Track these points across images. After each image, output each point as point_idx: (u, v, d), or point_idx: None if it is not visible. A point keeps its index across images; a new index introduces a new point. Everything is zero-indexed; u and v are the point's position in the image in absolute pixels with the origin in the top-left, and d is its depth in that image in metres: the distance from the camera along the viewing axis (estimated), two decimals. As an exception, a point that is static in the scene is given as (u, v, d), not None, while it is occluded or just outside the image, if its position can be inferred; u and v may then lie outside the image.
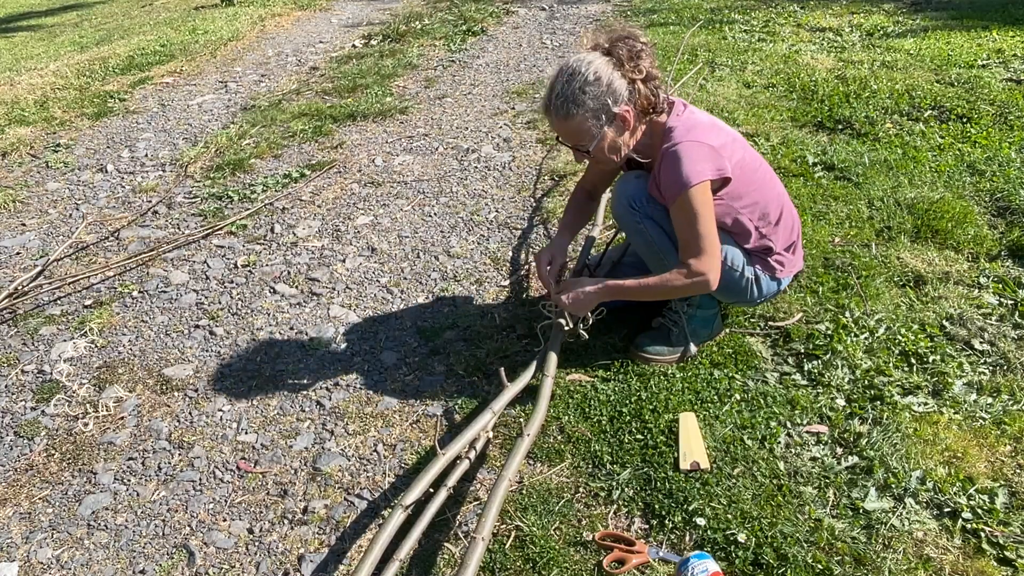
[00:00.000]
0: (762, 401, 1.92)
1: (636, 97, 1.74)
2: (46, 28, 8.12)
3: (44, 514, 1.77)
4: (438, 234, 2.86)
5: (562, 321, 1.99)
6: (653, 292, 1.90)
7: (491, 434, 1.83)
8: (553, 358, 1.93)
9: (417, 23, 6.19)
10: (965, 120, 3.52)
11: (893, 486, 1.66)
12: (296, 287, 2.59)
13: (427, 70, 4.92)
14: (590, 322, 2.02)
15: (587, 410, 1.92)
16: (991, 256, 2.49)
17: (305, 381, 2.14)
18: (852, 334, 2.13)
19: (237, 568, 1.61)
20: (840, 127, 3.54)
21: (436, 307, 2.44)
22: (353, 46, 5.69)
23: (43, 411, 2.09)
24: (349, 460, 1.87)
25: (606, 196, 2.79)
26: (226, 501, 1.77)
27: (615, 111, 1.73)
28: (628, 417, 1.89)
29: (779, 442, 1.80)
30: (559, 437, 1.87)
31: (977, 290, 2.32)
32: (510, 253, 2.71)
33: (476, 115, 4.04)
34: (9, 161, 3.79)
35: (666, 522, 1.61)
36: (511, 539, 1.60)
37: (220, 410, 2.06)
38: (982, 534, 1.54)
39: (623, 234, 2.53)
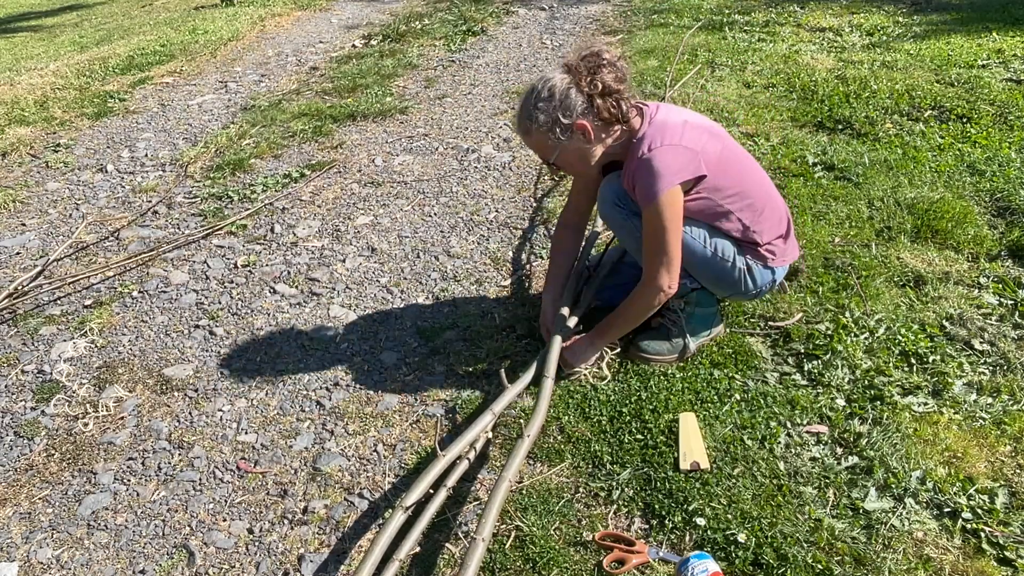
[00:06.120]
0: (762, 401, 1.92)
1: (595, 110, 1.81)
2: (46, 28, 8.12)
3: (44, 514, 1.77)
4: (438, 234, 2.86)
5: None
6: (627, 318, 1.97)
7: (491, 435, 1.83)
8: (554, 359, 1.93)
9: (417, 23, 6.19)
10: (965, 120, 3.52)
11: (893, 486, 1.66)
12: (296, 287, 2.59)
13: (427, 70, 4.92)
14: (604, 360, 2.08)
15: (587, 410, 1.92)
16: (991, 256, 2.49)
17: (305, 381, 2.14)
18: (852, 334, 2.13)
19: (237, 568, 1.61)
20: (840, 127, 3.53)
21: (436, 307, 2.44)
22: (353, 46, 5.69)
23: (43, 411, 2.10)
24: (349, 460, 1.87)
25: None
26: (226, 501, 1.78)
27: (566, 123, 1.80)
28: (628, 417, 1.89)
29: (779, 442, 1.80)
30: (559, 437, 1.87)
31: (977, 290, 2.32)
32: (510, 253, 2.71)
33: (476, 115, 4.04)
34: (9, 161, 3.79)
35: (666, 522, 1.61)
36: (511, 539, 1.60)
37: (220, 410, 2.06)
38: (982, 534, 1.54)
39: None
